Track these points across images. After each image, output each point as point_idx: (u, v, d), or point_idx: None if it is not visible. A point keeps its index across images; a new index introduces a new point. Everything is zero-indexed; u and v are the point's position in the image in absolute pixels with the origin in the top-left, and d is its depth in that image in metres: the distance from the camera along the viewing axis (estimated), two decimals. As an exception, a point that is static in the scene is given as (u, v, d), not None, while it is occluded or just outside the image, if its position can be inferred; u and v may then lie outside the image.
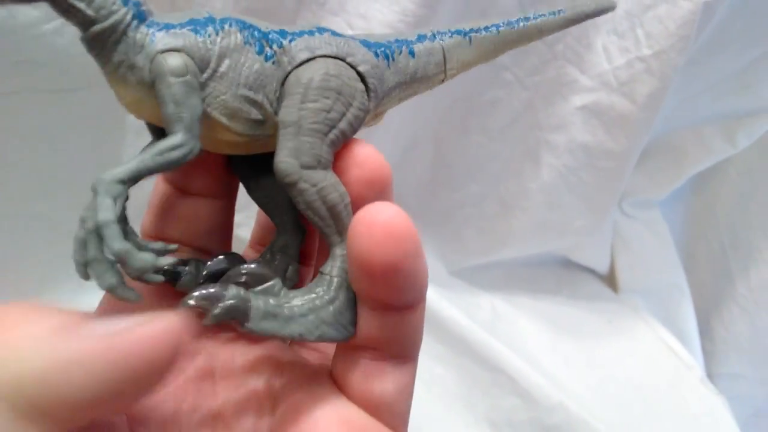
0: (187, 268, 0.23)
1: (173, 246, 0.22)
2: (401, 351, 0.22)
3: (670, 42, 0.50)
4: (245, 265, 0.23)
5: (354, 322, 0.22)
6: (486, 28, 0.26)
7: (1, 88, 0.45)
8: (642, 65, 0.52)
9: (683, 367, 0.67)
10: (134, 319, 0.17)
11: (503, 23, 0.27)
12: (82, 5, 0.20)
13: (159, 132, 0.23)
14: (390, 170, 0.22)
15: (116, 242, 0.19)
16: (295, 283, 0.25)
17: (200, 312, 0.21)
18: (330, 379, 0.23)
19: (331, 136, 0.21)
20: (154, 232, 0.25)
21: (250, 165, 0.24)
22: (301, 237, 0.25)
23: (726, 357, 0.73)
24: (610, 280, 0.75)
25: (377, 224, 0.19)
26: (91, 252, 0.19)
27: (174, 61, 0.20)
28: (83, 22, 0.20)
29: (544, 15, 0.28)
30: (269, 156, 0.22)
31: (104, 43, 0.20)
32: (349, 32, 0.47)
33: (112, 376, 0.17)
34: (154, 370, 0.17)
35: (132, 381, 0.17)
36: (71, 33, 0.44)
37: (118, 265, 0.20)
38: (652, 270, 0.72)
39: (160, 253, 0.21)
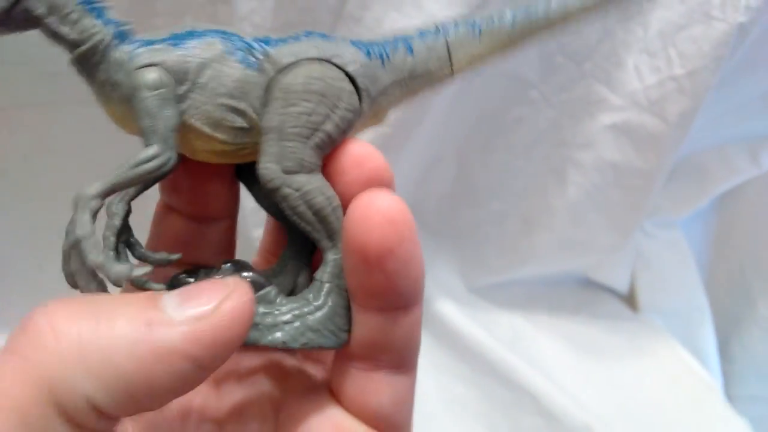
0: (193, 279, 0.23)
1: (176, 255, 0.22)
2: (397, 359, 0.22)
3: (704, 62, 0.50)
4: (243, 273, 0.23)
5: (347, 329, 0.22)
6: (500, 19, 0.24)
7: (34, 98, 0.45)
8: (674, 84, 0.52)
9: (705, 389, 0.66)
10: (207, 296, 0.18)
11: (521, 12, 0.24)
12: (65, 29, 0.21)
13: None
14: (390, 169, 0.22)
15: (92, 255, 0.20)
16: None
17: None
18: (328, 391, 0.23)
19: (315, 139, 0.21)
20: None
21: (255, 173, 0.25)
22: (313, 243, 0.25)
23: (745, 378, 0.73)
24: (629, 299, 0.74)
25: (374, 209, 0.19)
26: (74, 264, 0.20)
27: (149, 75, 0.21)
28: (69, 45, 0.21)
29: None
30: None
31: (89, 63, 0.21)
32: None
33: (197, 363, 0.17)
34: (233, 345, 0.18)
35: (212, 363, 0.18)
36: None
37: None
38: (673, 290, 0.72)
39: (162, 263, 0.22)
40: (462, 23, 0.25)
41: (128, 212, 0.23)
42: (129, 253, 0.23)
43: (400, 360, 0.22)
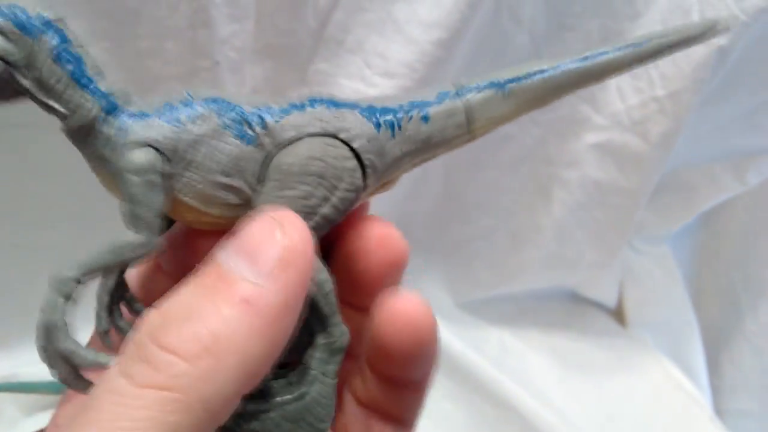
0: None
1: None
2: (400, 418, 0.23)
3: (685, 84, 0.50)
4: None
5: (328, 420, 0.21)
6: (529, 76, 0.23)
7: (16, 119, 0.45)
8: (656, 105, 0.52)
9: (692, 404, 0.66)
10: (268, 244, 0.18)
11: (550, 68, 0.23)
12: (52, 102, 0.20)
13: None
14: (407, 248, 0.23)
15: (60, 342, 0.19)
16: None
17: None
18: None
19: (311, 223, 0.20)
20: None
21: None
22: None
23: (734, 393, 0.72)
24: (618, 314, 0.74)
25: (401, 314, 0.20)
26: (44, 343, 0.19)
27: (137, 159, 0.20)
28: (59, 116, 0.20)
29: (606, 53, 0.23)
30: None
31: (78, 135, 0.20)
32: (367, 71, 0.47)
33: (298, 303, 0.18)
34: (310, 267, 0.19)
35: (305, 293, 0.19)
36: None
37: None
38: (661, 305, 0.72)
39: None
40: (485, 83, 0.23)
41: (123, 269, 0.22)
42: (124, 311, 0.23)
43: (403, 420, 0.23)
